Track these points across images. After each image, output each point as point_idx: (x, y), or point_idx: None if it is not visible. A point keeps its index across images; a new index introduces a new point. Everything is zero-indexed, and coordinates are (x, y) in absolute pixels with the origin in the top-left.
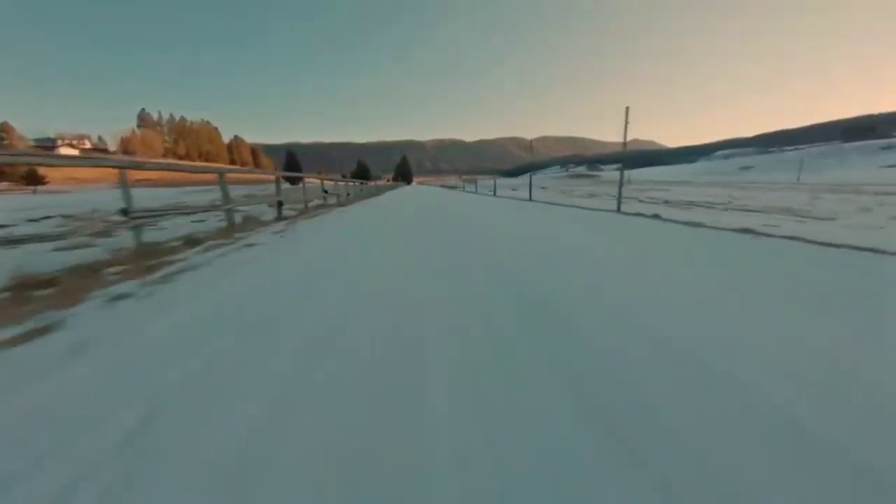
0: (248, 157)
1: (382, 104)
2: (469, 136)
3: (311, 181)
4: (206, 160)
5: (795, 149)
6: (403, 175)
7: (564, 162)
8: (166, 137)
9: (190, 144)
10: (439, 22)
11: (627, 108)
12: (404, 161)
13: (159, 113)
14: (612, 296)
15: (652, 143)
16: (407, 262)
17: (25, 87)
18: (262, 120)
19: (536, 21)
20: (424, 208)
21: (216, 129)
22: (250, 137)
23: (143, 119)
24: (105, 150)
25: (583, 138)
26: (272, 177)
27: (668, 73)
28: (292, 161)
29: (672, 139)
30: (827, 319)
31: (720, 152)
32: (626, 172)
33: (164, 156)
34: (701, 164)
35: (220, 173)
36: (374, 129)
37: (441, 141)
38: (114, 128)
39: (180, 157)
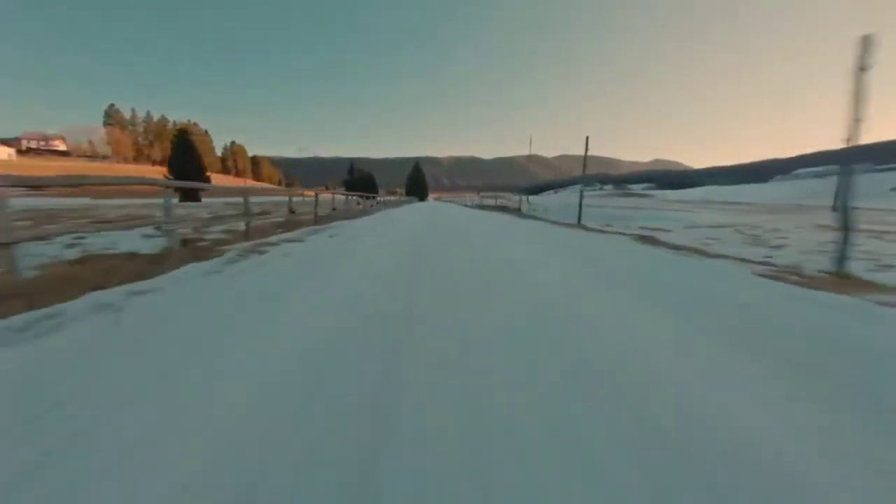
0: (246, 167)
1: (400, 120)
2: (486, 153)
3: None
4: None
5: None
6: (415, 188)
7: (588, 180)
8: (140, 139)
9: (167, 148)
10: (460, 41)
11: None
12: (417, 170)
13: (132, 110)
14: None
15: (677, 163)
16: None
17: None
18: (284, 134)
19: (557, 40)
20: None
21: (206, 132)
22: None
23: (112, 116)
24: (66, 152)
25: (604, 157)
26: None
27: (693, 93)
28: (183, 153)
29: (697, 160)
30: None
31: (806, 170)
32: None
33: (136, 160)
34: (790, 184)
35: None
36: (390, 145)
37: (458, 158)
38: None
39: (155, 163)
